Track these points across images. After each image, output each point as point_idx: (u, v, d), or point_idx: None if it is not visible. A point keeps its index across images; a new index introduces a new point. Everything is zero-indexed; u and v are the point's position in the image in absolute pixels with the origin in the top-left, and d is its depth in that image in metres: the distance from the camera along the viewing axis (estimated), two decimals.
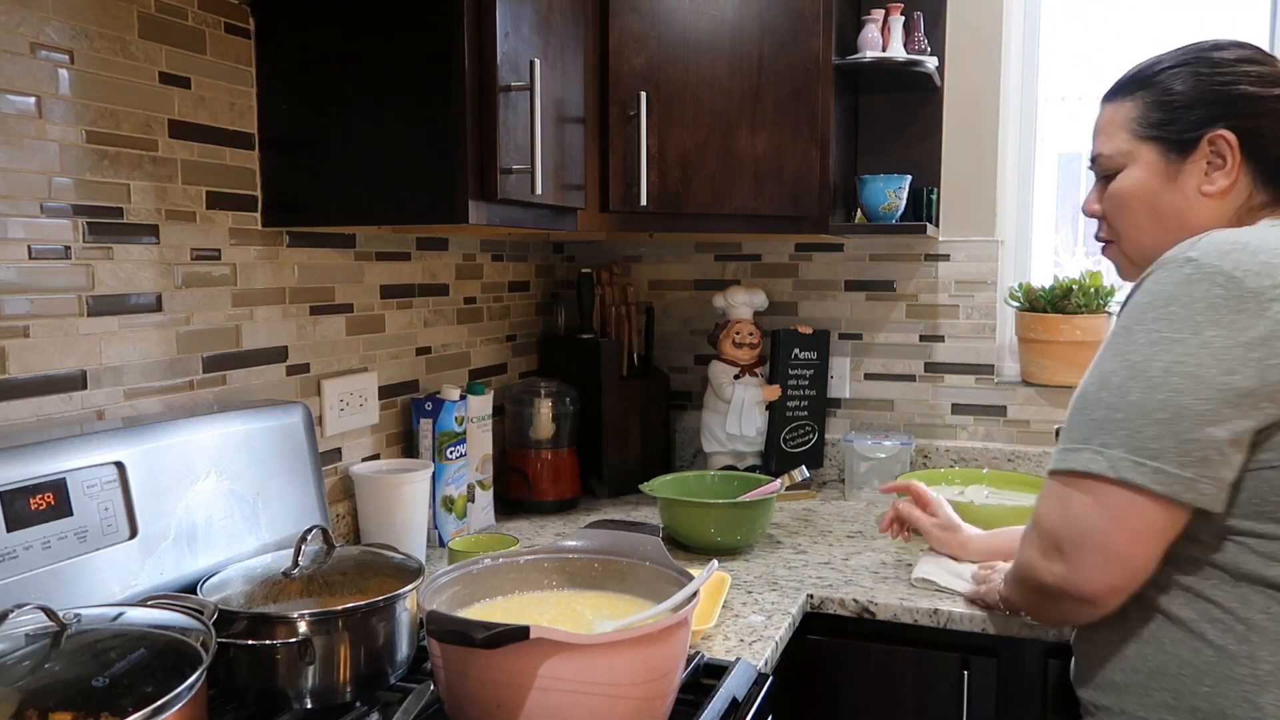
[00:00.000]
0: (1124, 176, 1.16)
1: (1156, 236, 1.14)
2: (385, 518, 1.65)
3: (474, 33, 1.35)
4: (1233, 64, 1.11)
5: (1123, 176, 1.16)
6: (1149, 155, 1.14)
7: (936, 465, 2.24)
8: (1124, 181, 1.16)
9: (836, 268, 2.32)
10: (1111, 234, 1.20)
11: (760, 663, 1.31)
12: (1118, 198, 1.17)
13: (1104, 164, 1.19)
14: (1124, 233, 1.18)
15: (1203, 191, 1.11)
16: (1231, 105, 1.10)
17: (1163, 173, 1.13)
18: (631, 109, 1.72)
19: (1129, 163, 1.16)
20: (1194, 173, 1.12)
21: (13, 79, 1.15)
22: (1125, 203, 1.16)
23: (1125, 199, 1.16)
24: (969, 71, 2.16)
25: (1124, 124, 1.16)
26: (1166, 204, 1.13)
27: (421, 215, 1.42)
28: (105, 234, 1.27)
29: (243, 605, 1.16)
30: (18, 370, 1.18)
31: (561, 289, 2.45)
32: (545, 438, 2.06)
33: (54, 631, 0.89)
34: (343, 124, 1.43)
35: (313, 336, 1.63)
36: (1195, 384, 0.96)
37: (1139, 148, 1.15)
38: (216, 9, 1.41)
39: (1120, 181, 1.17)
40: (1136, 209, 1.16)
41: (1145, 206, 1.15)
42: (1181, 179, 1.12)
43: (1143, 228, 1.16)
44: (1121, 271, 1.23)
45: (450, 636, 0.93)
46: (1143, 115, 1.15)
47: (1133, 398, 0.99)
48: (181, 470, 1.27)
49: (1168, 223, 1.13)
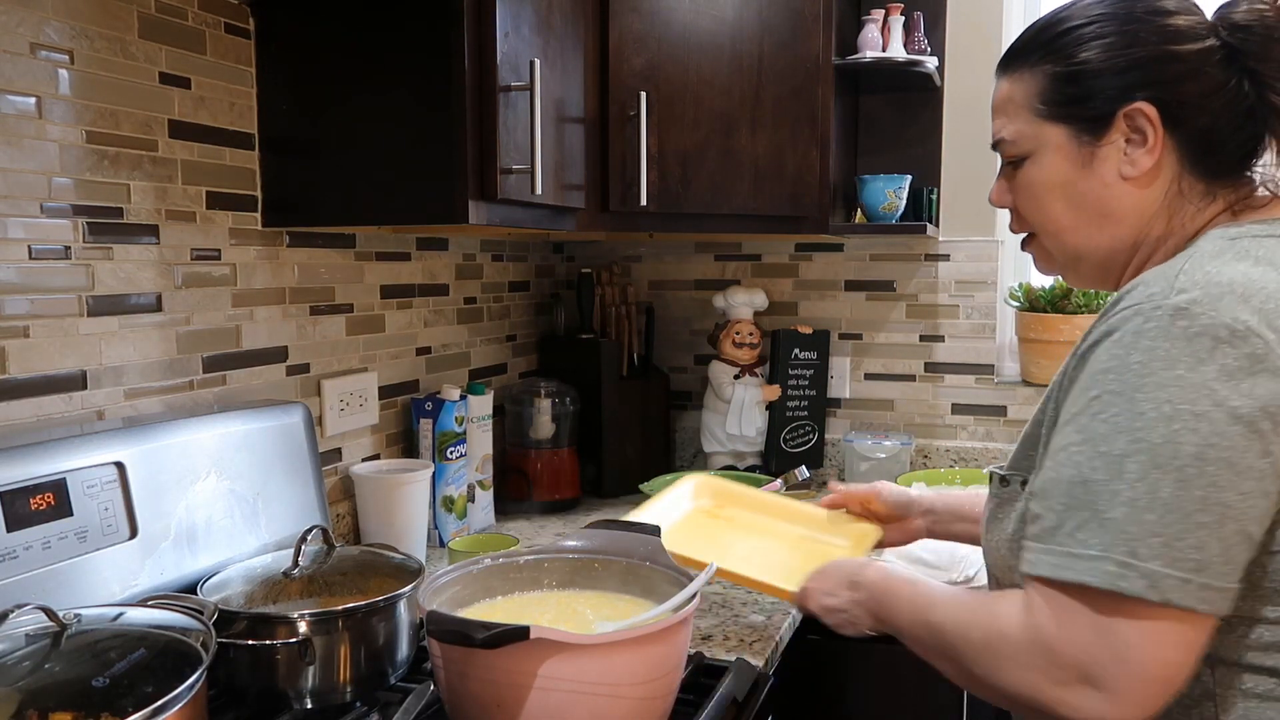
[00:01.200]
0: (1032, 164, 1.00)
1: (1078, 230, 1.00)
2: (385, 518, 1.65)
3: (474, 33, 1.35)
4: (1150, 16, 0.94)
5: (1030, 164, 1.00)
6: (1057, 138, 0.98)
7: (936, 465, 2.24)
8: (1032, 170, 1.00)
9: (836, 268, 2.32)
10: (1029, 226, 1.05)
11: (760, 663, 1.31)
12: (1028, 189, 1.01)
13: (1007, 150, 1.02)
14: (1040, 226, 1.03)
15: (1123, 175, 0.95)
16: (1150, 70, 0.93)
17: (1075, 157, 0.97)
18: (631, 109, 1.72)
19: (1035, 148, 0.99)
20: (1111, 154, 0.96)
21: (13, 79, 1.15)
22: (1036, 194, 1.01)
23: (1036, 190, 1.01)
24: (969, 71, 2.16)
25: (1025, 102, 1.00)
26: (1084, 193, 0.98)
27: (421, 215, 1.42)
28: (105, 234, 1.27)
29: (243, 605, 1.16)
30: (18, 370, 1.18)
31: (561, 289, 2.45)
32: (545, 438, 2.06)
33: (54, 631, 0.89)
34: (343, 124, 1.43)
35: (313, 336, 1.63)
36: (1233, 473, 0.80)
37: (1045, 130, 0.98)
38: (216, 9, 1.41)
39: (1028, 170, 1.00)
40: (1050, 200, 1.00)
41: (1060, 197, 0.99)
42: (1097, 163, 0.96)
43: (1061, 221, 1.00)
44: (1043, 266, 1.08)
45: (450, 636, 0.93)
46: (1045, 91, 0.98)
47: (1164, 494, 0.80)
48: (181, 470, 1.27)
49: (1088, 213, 0.98)
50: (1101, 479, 0.83)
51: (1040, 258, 1.07)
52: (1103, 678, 0.83)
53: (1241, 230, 0.92)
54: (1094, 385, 0.86)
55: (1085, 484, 0.84)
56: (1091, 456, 0.84)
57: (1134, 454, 0.82)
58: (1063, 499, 0.86)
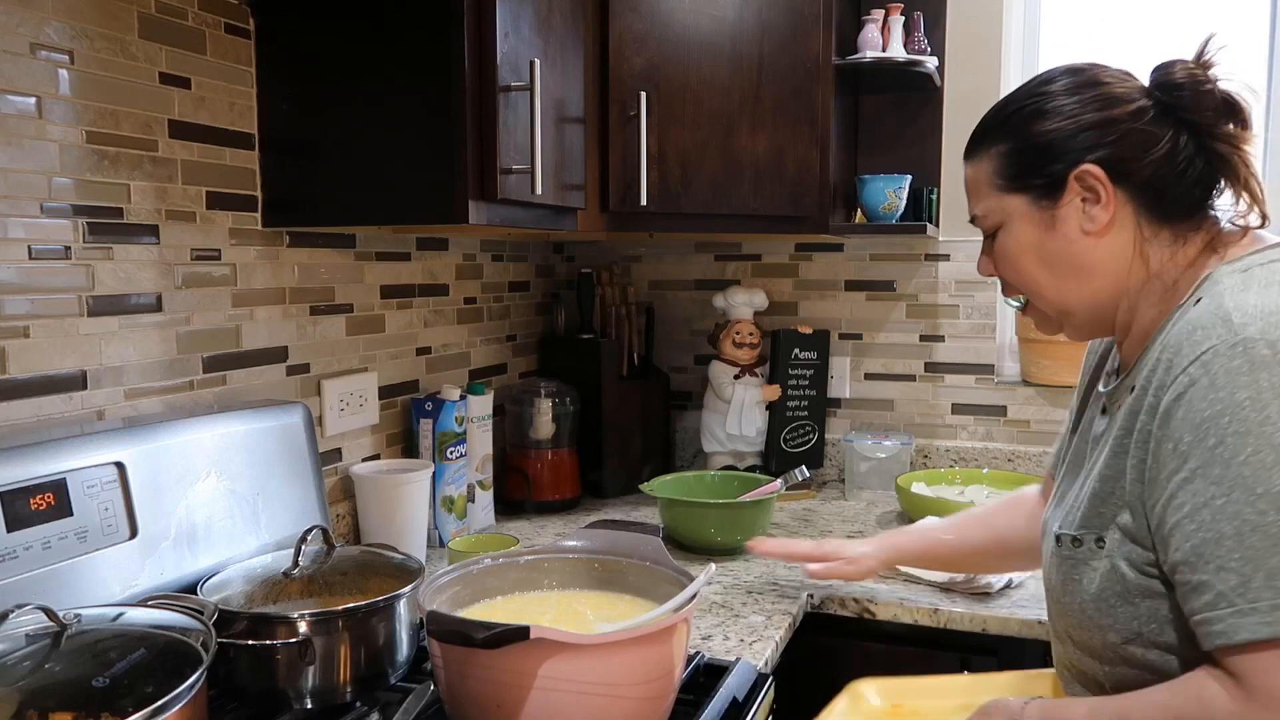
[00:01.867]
0: (1004, 234, 1.08)
1: (1058, 286, 1.06)
2: (385, 518, 1.65)
3: (474, 33, 1.35)
4: (1086, 88, 1.03)
5: (1003, 234, 1.08)
6: (1020, 206, 1.06)
7: (936, 465, 2.24)
8: (1006, 239, 1.08)
9: (836, 268, 2.32)
10: (1015, 292, 1.12)
11: (760, 663, 1.31)
12: (1005, 256, 1.09)
13: (982, 224, 1.12)
14: (1026, 288, 1.10)
15: (1085, 230, 1.03)
16: (1092, 135, 1.01)
17: (1039, 221, 1.05)
18: (631, 109, 1.72)
19: (1003, 219, 1.08)
20: (1071, 214, 1.03)
21: (13, 79, 1.15)
22: (1013, 260, 1.08)
23: (1012, 255, 1.08)
24: (969, 71, 2.16)
25: (987, 180, 1.09)
26: (1054, 252, 1.05)
27: (421, 215, 1.42)
28: (105, 234, 1.27)
29: (243, 605, 1.16)
30: (18, 370, 1.18)
31: (561, 289, 2.45)
32: (545, 438, 2.06)
33: (54, 632, 0.89)
34: (343, 124, 1.43)
35: (313, 336, 1.63)
36: None
37: (1007, 201, 1.07)
38: (216, 9, 1.41)
39: (1002, 240, 1.09)
40: (1025, 263, 1.07)
41: (1034, 259, 1.06)
42: (1059, 223, 1.04)
43: (1039, 280, 1.07)
44: (1044, 327, 1.14)
45: (450, 636, 0.93)
46: (1003, 168, 1.07)
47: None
48: (181, 470, 1.27)
49: (1062, 269, 1.05)
50: (1274, 519, 0.83)
51: (1038, 320, 1.13)
52: None
53: (1246, 262, 0.97)
54: (1206, 435, 0.87)
55: (1258, 531, 0.83)
56: (1251, 501, 0.84)
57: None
58: (1235, 554, 0.84)
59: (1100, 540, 0.97)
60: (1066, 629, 1.04)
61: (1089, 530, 0.99)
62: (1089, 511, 1.00)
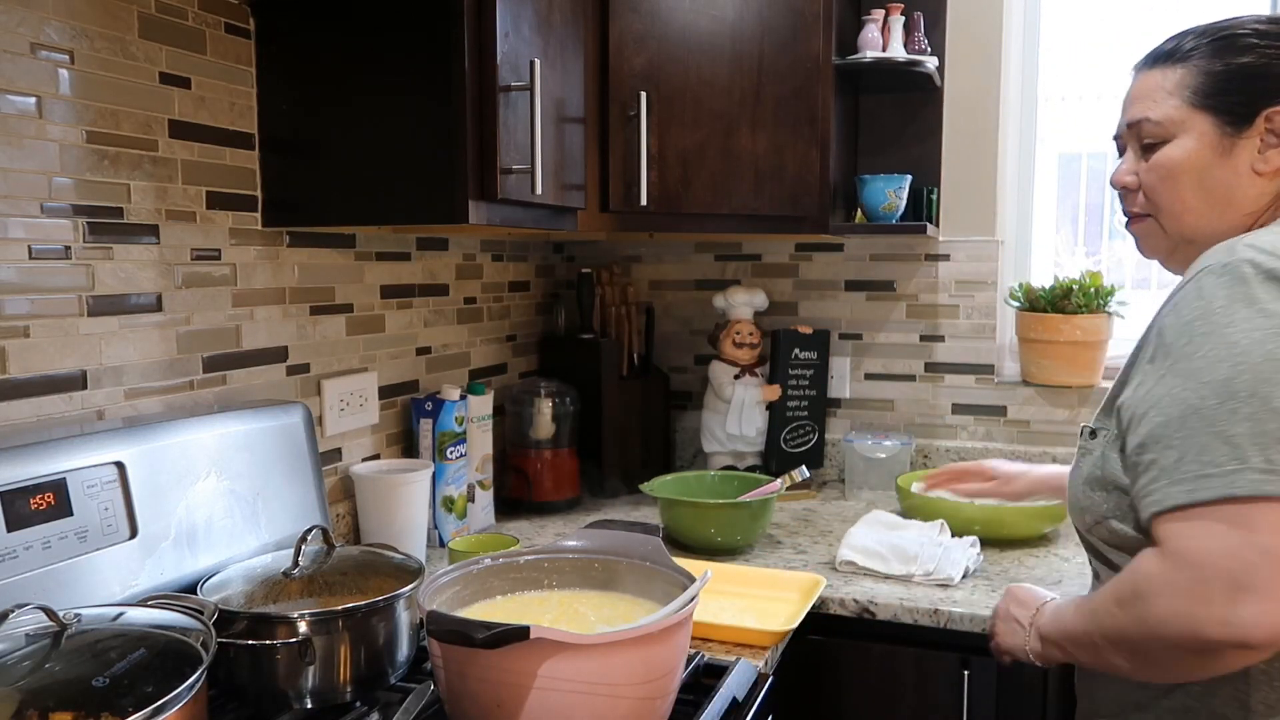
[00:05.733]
0: (1175, 146, 1.08)
1: (1201, 213, 1.07)
2: (385, 518, 1.64)
3: (474, 33, 1.35)
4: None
5: (1173, 146, 1.08)
6: (1203, 125, 1.06)
7: (937, 465, 2.24)
8: (1175, 151, 1.08)
9: (836, 268, 2.32)
10: (1149, 207, 1.12)
11: (760, 663, 1.31)
12: (1165, 168, 1.08)
13: (1149, 130, 1.10)
14: (1165, 206, 1.09)
15: (1255, 169, 1.05)
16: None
17: (1216, 146, 1.06)
18: (631, 109, 1.72)
19: (1179, 132, 1.08)
20: (1248, 148, 1.05)
21: (13, 79, 1.15)
22: (1174, 174, 1.08)
23: (1174, 170, 1.08)
24: (969, 71, 2.16)
25: (1175, 90, 1.08)
26: (1217, 179, 1.06)
27: (421, 215, 1.42)
28: (105, 234, 1.27)
29: (243, 605, 1.16)
30: (18, 370, 1.18)
31: (561, 289, 2.45)
32: (545, 438, 2.06)
33: (54, 631, 0.89)
34: (343, 124, 1.43)
35: (313, 336, 1.63)
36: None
37: (1192, 116, 1.07)
38: (216, 9, 1.41)
39: (1170, 151, 1.08)
40: (1185, 182, 1.07)
41: (1195, 180, 1.07)
42: (1235, 154, 1.05)
43: (1187, 202, 1.08)
44: (1149, 247, 1.15)
45: (450, 636, 0.93)
46: (1199, 83, 1.07)
47: (1278, 403, 0.89)
48: (181, 470, 1.27)
49: (1215, 198, 1.07)
50: (1213, 404, 0.91)
51: (1149, 239, 1.14)
52: (1255, 580, 0.87)
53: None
54: (1180, 335, 0.95)
55: (1198, 413, 0.91)
56: (1197, 388, 0.92)
57: (1238, 375, 0.90)
58: (1178, 434, 0.92)
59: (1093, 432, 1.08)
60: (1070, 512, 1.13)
61: (1103, 425, 1.07)
62: (1104, 409, 1.08)
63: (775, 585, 1.58)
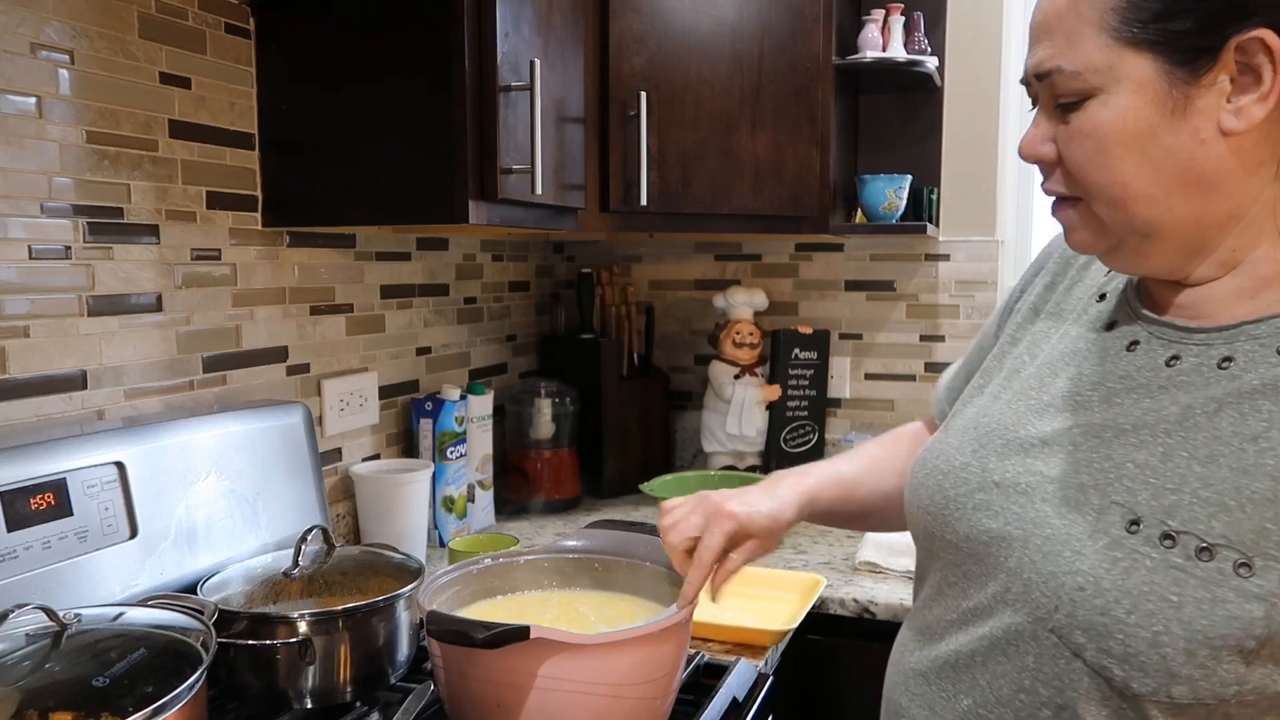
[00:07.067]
0: (1099, 105, 0.74)
1: (1154, 199, 0.74)
2: (385, 518, 1.65)
3: (474, 33, 1.35)
4: None
5: (1097, 105, 0.74)
6: (1140, 71, 0.72)
7: None
8: (1100, 113, 0.74)
9: (836, 268, 2.32)
10: (1076, 188, 0.77)
11: (760, 663, 1.31)
12: (1090, 138, 0.74)
13: (1062, 84, 0.75)
14: (1100, 190, 0.76)
15: (1224, 128, 0.71)
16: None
17: (1162, 100, 0.72)
18: (631, 109, 1.72)
19: (1105, 82, 0.73)
20: (1210, 103, 0.71)
21: (13, 79, 1.15)
22: (1102, 145, 0.74)
23: (1102, 139, 0.74)
24: (969, 71, 2.16)
25: (1096, 19, 0.73)
26: (1169, 150, 0.73)
27: (421, 215, 1.42)
28: (105, 234, 1.27)
29: (243, 605, 1.16)
30: (18, 370, 1.18)
31: (561, 289, 2.45)
32: (545, 438, 2.06)
33: (54, 631, 0.89)
34: (343, 124, 1.43)
35: (313, 336, 1.63)
36: None
37: (1124, 59, 0.72)
38: (216, 9, 1.41)
39: (1094, 112, 0.74)
40: (1120, 156, 0.74)
41: (1134, 152, 0.73)
42: (1191, 109, 0.71)
43: (1131, 185, 0.74)
44: (1080, 241, 0.80)
45: (450, 636, 0.93)
46: (1129, 5, 0.72)
47: None
48: (181, 470, 1.27)
49: (1170, 176, 0.73)
50: None
51: (1081, 228, 0.79)
52: None
53: None
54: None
55: None
56: None
57: None
58: None
59: (1246, 565, 0.68)
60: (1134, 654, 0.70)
61: (1233, 547, 0.69)
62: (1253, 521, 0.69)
63: (775, 585, 1.58)
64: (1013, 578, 0.78)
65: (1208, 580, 0.69)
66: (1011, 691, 0.78)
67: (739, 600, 1.52)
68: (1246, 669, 0.67)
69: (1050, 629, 0.75)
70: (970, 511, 0.83)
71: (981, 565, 0.82)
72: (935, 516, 0.87)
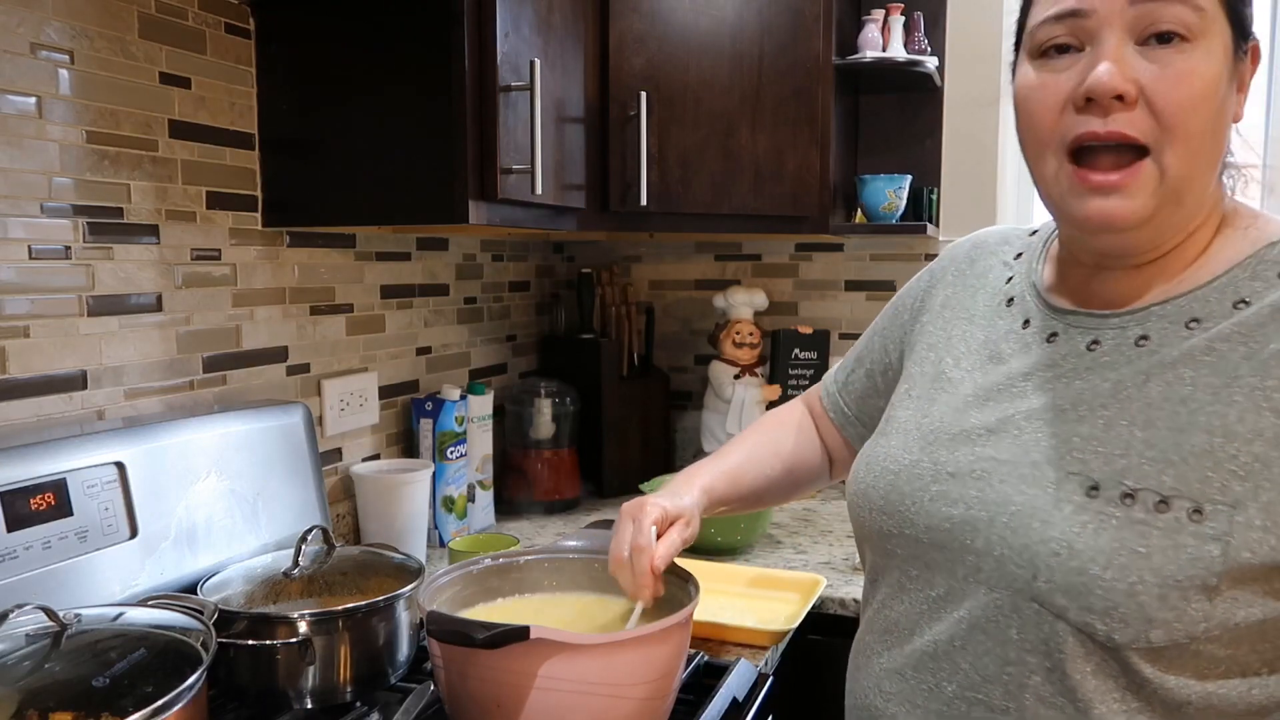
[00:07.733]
0: (1206, 54, 0.73)
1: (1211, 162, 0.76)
2: (385, 518, 1.64)
3: (474, 33, 1.35)
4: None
5: (1200, 52, 0.72)
6: (1225, 35, 0.74)
7: None
8: (1207, 60, 0.73)
9: (836, 268, 2.32)
10: (1157, 135, 0.74)
11: (760, 663, 1.31)
12: (1189, 79, 0.72)
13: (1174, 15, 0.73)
14: (1190, 134, 0.73)
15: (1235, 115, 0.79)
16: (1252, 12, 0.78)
17: (1230, 69, 0.75)
18: (631, 109, 1.72)
19: (1209, 32, 0.73)
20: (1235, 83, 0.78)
21: (13, 79, 1.15)
22: (1205, 94, 0.73)
23: (1205, 89, 0.73)
24: (969, 71, 2.16)
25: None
26: (1223, 114, 0.76)
27: (421, 215, 1.42)
28: (105, 234, 1.27)
29: (243, 605, 1.16)
30: (18, 370, 1.18)
31: (561, 289, 2.45)
32: (545, 438, 2.06)
33: (54, 631, 0.89)
34: (343, 124, 1.43)
35: (313, 336, 1.63)
36: None
37: (1218, 18, 0.74)
38: (216, 9, 1.41)
39: (1203, 59, 0.73)
40: (1212, 109, 0.73)
41: (1218, 112, 0.74)
42: (1233, 87, 0.77)
43: (1207, 139, 0.74)
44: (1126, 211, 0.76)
45: (450, 637, 0.93)
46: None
47: None
48: (181, 470, 1.27)
49: (1219, 143, 0.76)
50: None
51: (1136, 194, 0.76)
52: None
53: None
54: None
55: None
56: None
57: None
58: None
59: (1198, 511, 0.72)
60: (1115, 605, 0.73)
61: (1184, 496, 0.73)
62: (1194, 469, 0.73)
63: (775, 585, 1.58)
64: (982, 558, 0.80)
65: (1168, 529, 0.73)
66: (998, 667, 0.80)
67: (739, 600, 1.52)
68: (1210, 605, 0.71)
69: (1031, 598, 0.77)
70: (928, 504, 0.85)
71: (945, 553, 0.83)
72: (891, 515, 0.89)
